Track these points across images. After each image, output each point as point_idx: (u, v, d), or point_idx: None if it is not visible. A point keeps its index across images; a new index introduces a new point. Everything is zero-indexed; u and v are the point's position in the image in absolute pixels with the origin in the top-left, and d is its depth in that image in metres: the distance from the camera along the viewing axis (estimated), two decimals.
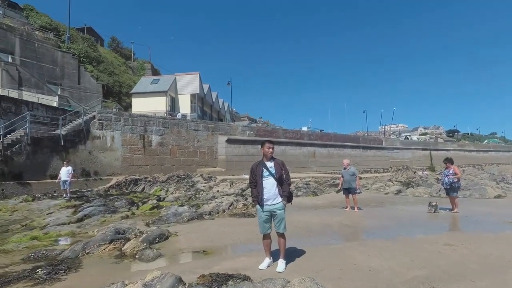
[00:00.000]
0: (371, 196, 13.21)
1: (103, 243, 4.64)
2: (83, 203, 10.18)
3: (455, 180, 7.90)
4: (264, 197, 3.73)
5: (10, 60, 25.00)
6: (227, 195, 12.83)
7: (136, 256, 4.25)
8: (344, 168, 8.54)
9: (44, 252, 4.42)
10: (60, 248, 4.67)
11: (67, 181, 11.08)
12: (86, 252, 4.43)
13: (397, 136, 69.51)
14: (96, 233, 5.88)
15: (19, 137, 15.25)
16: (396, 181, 20.04)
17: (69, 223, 6.95)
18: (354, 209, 8.34)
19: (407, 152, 48.63)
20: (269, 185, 3.75)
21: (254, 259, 3.94)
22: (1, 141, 14.18)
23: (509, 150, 75.62)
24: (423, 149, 52.30)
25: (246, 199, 11.91)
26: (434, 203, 8.05)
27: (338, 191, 8.65)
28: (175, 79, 31.67)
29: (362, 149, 40.54)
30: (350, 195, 8.47)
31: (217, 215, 8.04)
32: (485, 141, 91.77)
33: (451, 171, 8.04)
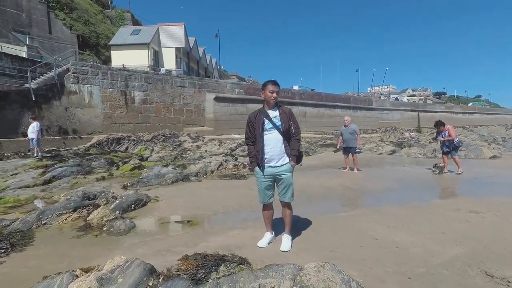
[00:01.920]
0: (365, 156, 12.70)
1: (64, 212, 3.79)
2: (55, 163, 9.20)
3: (456, 141, 7.33)
4: (266, 156, 2.86)
5: None
6: (215, 154, 12.04)
7: (104, 228, 3.44)
8: (345, 126, 7.74)
9: None
10: (11, 218, 3.81)
11: (33, 138, 9.92)
12: (42, 223, 3.58)
13: (386, 97, 69.07)
14: (62, 197, 5.02)
15: None
16: (388, 142, 19.69)
17: (33, 186, 6.04)
18: (353, 170, 7.73)
19: (396, 113, 48.60)
20: (273, 141, 2.85)
21: (250, 233, 3.20)
22: None
23: (493, 112, 76.94)
24: (411, 111, 52.36)
25: (236, 159, 11.16)
26: (440, 164, 7.49)
27: (336, 151, 7.95)
28: (157, 30, 28.98)
29: (353, 110, 40.03)
30: (350, 155, 7.81)
31: (205, 176, 7.26)
32: (470, 103, 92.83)
33: (446, 133, 7.38)
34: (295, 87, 43.85)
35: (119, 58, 27.01)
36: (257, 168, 2.93)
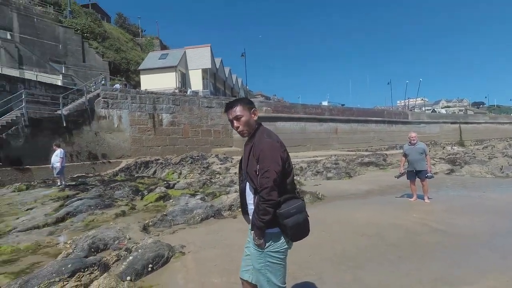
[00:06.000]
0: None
1: (57, 279, 2.75)
2: (77, 193, 8.50)
3: None
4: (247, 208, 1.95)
5: (8, 37, 23.30)
6: None
7: None
8: (411, 144, 6.24)
9: None
10: None
11: (57, 167, 9.35)
12: None
13: (420, 109, 65.19)
14: (68, 245, 4.02)
15: (15, 118, 13.67)
16: (437, 159, 17.49)
17: (43, 226, 5.16)
18: (423, 199, 6.17)
19: (435, 126, 45.33)
20: (246, 193, 1.92)
21: None
22: None
23: None
24: (452, 123, 48.71)
25: None
26: None
27: (399, 176, 6.45)
28: (184, 53, 29.28)
29: (387, 124, 37.74)
30: (417, 180, 6.28)
31: (239, 209, 6.06)
32: None
33: None
34: (324, 103, 42.39)
35: (148, 82, 27.38)
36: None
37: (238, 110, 1.90)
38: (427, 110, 65.99)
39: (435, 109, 65.63)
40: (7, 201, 7.75)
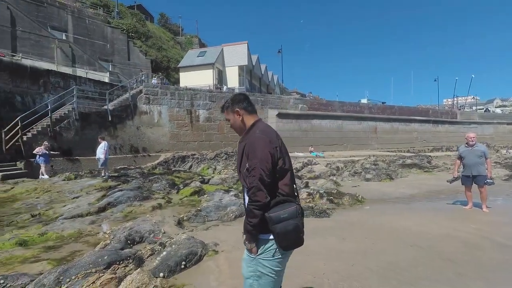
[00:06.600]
0: None
1: (94, 270, 2.77)
2: (119, 184, 8.88)
3: None
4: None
5: (64, 37, 25.28)
6: None
7: None
8: (468, 145, 5.57)
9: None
10: (36, 271, 2.92)
11: (101, 158, 9.88)
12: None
13: (470, 108, 59.86)
14: (107, 235, 4.12)
15: (67, 112, 14.78)
16: (493, 163, 15.81)
17: (86, 215, 5.40)
18: (482, 208, 5.49)
19: (488, 127, 41.42)
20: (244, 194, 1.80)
21: None
22: (49, 116, 13.67)
23: None
24: (508, 124, 44.10)
25: (307, 184, 9.60)
26: None
27: (453, 181, 5.81)
28: (222, 50, 29.66)
29: (432, 124, 35.17)
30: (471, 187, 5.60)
31: None
32: None
33: None
34: (363, 101, 40.58)
35: (187, 79, 28.17)
36: None
37: (225, 115, 1.90)
38: (479, 109, 60.33)
39: (489, 109, 59.79)
40: (58, 189, 8.33)
